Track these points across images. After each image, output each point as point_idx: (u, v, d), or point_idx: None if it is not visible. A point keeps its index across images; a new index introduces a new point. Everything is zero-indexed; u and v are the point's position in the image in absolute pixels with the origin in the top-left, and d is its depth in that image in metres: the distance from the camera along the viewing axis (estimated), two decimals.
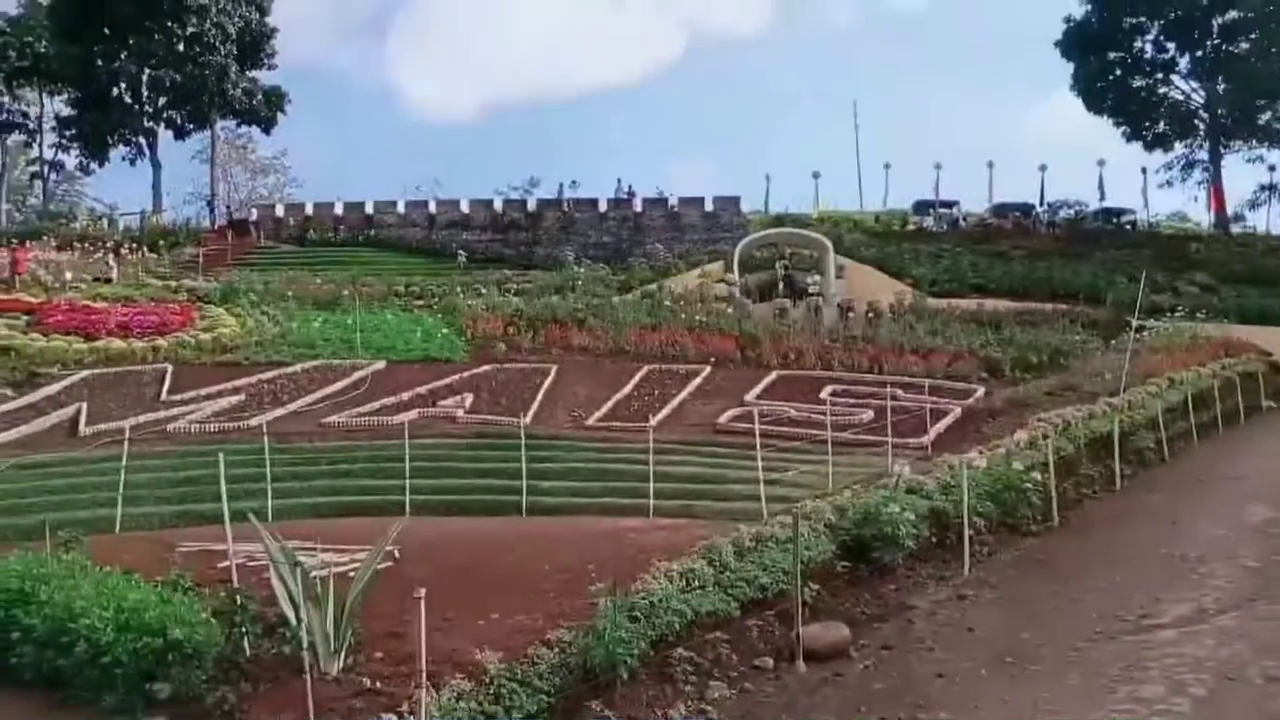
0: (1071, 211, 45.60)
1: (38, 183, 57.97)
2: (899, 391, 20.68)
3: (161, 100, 47.96)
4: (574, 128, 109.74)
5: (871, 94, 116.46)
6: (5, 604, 6.67)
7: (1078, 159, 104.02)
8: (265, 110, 49.79)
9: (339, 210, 40.38)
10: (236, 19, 46.43)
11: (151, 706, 6.02)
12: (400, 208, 40.51)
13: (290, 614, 6.47)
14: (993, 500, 11.55)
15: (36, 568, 7.03)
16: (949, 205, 44.02)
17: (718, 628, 7.62)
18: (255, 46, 48.58)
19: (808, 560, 8.55)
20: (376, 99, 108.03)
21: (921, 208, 44.12)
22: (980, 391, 21.79)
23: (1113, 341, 25.82)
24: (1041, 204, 43.91)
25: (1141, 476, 15.42)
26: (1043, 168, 44.42)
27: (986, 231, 41.17)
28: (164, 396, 20.09)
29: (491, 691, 5.99)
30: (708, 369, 23.46)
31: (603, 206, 40.00)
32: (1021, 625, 8.42)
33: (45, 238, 37.27)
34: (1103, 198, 44.58)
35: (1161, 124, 45.52)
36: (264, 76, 50.07)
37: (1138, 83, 45.18)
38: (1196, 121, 45.49)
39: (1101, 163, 44.69)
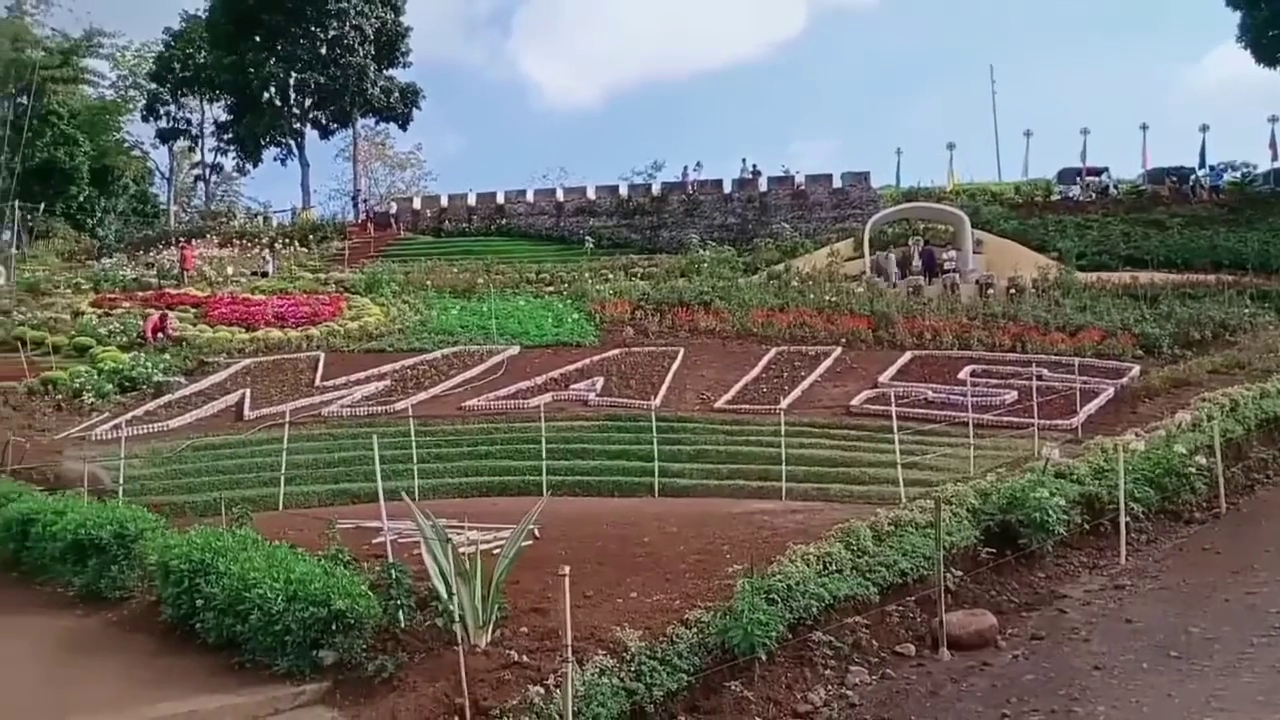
0: (1238, 174, 42.05)
1: (200, 184, 62.69)
2: (1044, 371, 19.75)
3: (308, 102, 50.89)
4: (696, 108, 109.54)
5: (1008, 58, 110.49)
6: (190, 573, 7.28)
7: (1244, 117, 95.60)
8: (401, 107, 52.02)
9: (472, 201, 41.68)
10: (373, 20, 48.60)
11: (318, 671, 6.44)
12: (529, 196, 41.40)
13: (441, 588, 6.77)
14: (1152, 485, 10.88)
15: (214, 541, 7.62)
16: (1097, 172, 41.32)
17: (857, 612, 7.50)
18: (391, 46, 50.75)
19: (950, 545, 8.30)
20: (503, 91, 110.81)
21: (1067, 176, 41.59)
22: (1135, 370, 20.49)
23: None
24: (1202, 167, 40.68)
25: None
26: (1204, 128, 41.06)
27: (1140, 199, 38.49)
28: (318, 382, 21.34)
29: (633, 669, 6.11)
30: (838, 350, 22.99)
31: (727, 187, 39.68)
32: (1186, 618, 7.89)
33: (208, 236, 40.39)
34: (1275, 158, 40.82)
35: None
36: (399, 75, 52.43)
37: None
38: None
39: (1274, 119, 40.94)
